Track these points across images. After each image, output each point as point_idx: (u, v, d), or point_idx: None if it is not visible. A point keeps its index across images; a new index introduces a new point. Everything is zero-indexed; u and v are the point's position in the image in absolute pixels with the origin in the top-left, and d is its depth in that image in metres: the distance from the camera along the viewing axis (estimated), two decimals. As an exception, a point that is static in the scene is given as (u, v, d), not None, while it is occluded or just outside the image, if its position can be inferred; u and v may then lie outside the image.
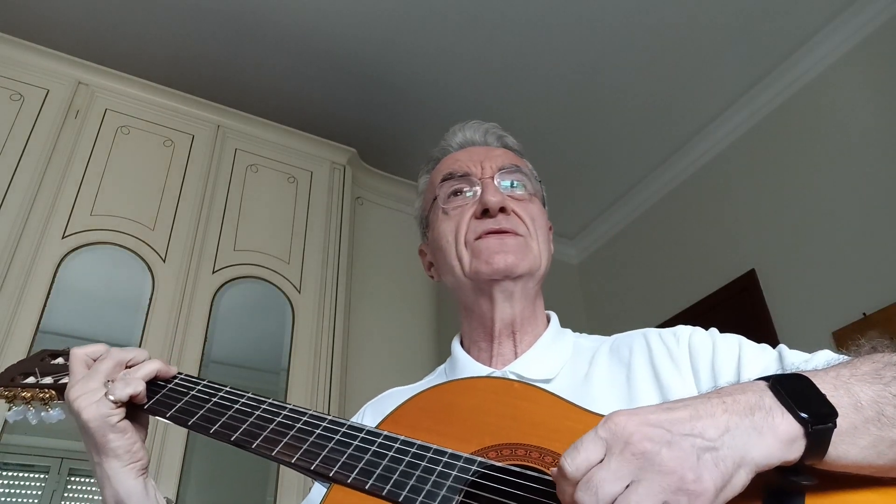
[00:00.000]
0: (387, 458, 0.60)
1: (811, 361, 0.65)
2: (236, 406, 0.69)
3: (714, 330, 0.77)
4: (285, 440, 0.64)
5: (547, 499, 0.53)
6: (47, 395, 0.80)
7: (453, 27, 2.58)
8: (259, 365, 2.28)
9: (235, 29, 2.58)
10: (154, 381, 0.74)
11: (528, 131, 2.99)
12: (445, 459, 0.58)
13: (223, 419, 0.68)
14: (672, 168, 3.21)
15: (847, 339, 2.22)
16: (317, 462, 0.61)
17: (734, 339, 0.74)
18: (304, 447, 0.63)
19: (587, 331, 0.90)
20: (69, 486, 1.96)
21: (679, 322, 0.83)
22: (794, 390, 0.47)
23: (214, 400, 0.71)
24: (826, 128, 2.55)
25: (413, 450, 0.60)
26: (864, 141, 2.40)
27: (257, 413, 0.68)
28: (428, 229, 0.93)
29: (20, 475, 1.92)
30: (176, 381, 0.75)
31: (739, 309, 2.66)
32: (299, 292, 2.26)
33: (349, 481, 0.58)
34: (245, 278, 2.21)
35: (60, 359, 0.85)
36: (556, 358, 0.81)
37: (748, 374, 0.67)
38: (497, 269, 0.80)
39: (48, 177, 2.02)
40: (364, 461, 0.60)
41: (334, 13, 2.52)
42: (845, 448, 0.46)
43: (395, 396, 0.85)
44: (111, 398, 0.69)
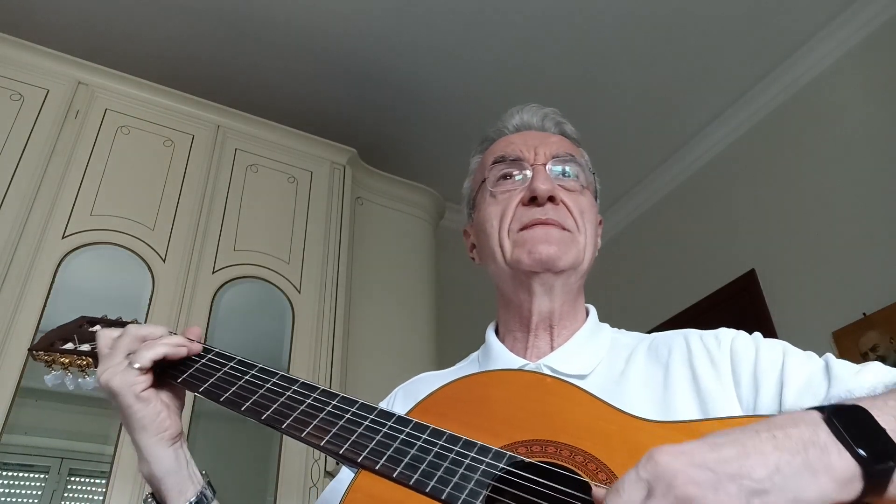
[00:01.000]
0: (415, 448, 0.59)
1: (861, 373, 0.61)
2: (267, 385, 0.70)
3: (758, 335, 0.74)
4: (315, 422, 0.64)
5: (574, 499, 0.53)
6: (84, 363, 0.82)
7: (453, 27, 2.58)
8: (259, 365, 2.27)
9: (236, 29, 2.58)
10: (188, 358, 0.75)
11: (528, 131, 2.99)
12: (474, 453, 0.58)
13: (254, 397, 0.68)
14: (672, 168, 3.21)
15: (847, 339, 2.23)
16: (345, 447, 0.61)
17: (779, 346, 0.70)
18: (334, 430, 0.63)
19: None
20: (69, 486, 1.96)
21: (679, 322, 0.82)
22: (852, 424, 0.44)
23: (246, 378, 0.71)
24: (826, 128, 2.55)
25: (442, 441, 0.59)
26: (864, 141, 2.40)
27: (288, 394, 0.68)
28: (474, 210, 0.90)
29: (20, 475, 1.93)
30: (209, 357, 0.75)
31: (739, 309, 2.65)
32: (299, 292, 2.26)
33: (377, 468, 0.58)
34: (245, 278, 2.21)
35: (98, 326, 0.86)
36: (593, 354, 0.79)
37: (791, 384, 0.64)
38: (538, 261, 0.78)
39: (48, 177, 2.02)
40: (392, 448, 0.59)
41: (334, 13, 2.52)
42: None
43: (428, 381, 0.83)
44: (136, 365, 0.70)
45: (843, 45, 2.54)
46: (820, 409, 0.46)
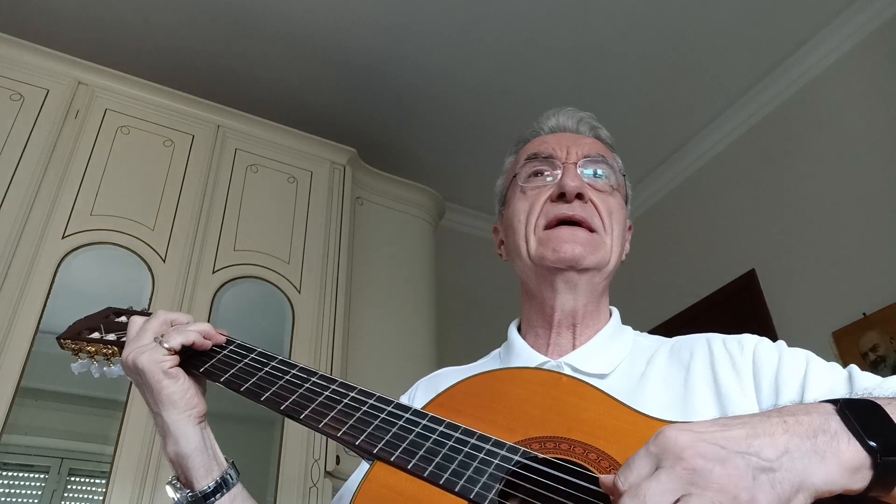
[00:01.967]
0: (430, 441, 0.60)
1: (883, 385, 0.61)
2: (287, 377, 0.71)
3: (782, 342, 0.73)
4: (332, 413, 0.65)
5: (587, 495, 0.53)
6: (110, 352, 0.84)
7: (453, 27, 2.58)
8: (259, 365, 2.27)
9: (236, 29, 2.58)
10: (209, 349, 0.77)
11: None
12: (489, 447, 0.58)
13: (274, 388, 0.70)
14: (672, 168, 3.21)
15: (847, 339, 2.23)
16: (362, 438, 0.62)
17: (802, 355, 0.70)
18: (351, 422, 0.64)
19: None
20: (69, 486, 1.96)
21: (679, 322, 0.82)
22: (864, 416, 0.44)
23: (266, 369, 0.73)
24: (826, 128, 2.55)
25: (457, 434, 0.60)
26: (864, 141, 2.40)
27: (307, 385, 0.70)
28: (504, 207, 0.91)
29: (20, 475, 1.93)
30: (230, 349, 0.78)
31: (739, 309, 2.65)
32: (299, 292, 2.26)
33: (392, 459, 0.59)
34: (245, 278, 2.21)
35: (124, 317, 0.89)
36: (615, 354, 0.79)
37: (813, 393, 0.64)
38: (562, 258, 0.78)
39: (48, 177, 2.02)
40: (408, 441, 0.60)
41: (335, 13, 2.52)
42: None
43: (449, 376, 0.84)
44: (165, 346, 0.72)
45: (843, 46, 2.54)
46: (833, 402, 0.46)
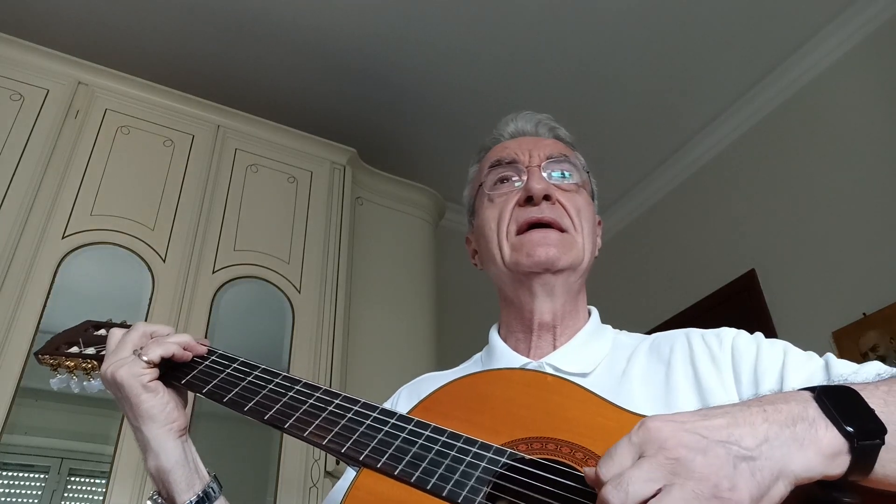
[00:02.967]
0: (416, 446, 0.60)
1: (860, 373, 0.63)
2: (270, 386, 0.71)
3: (759, 334, 0.75)
4: (317, 422, 0.65)
5: (574, 494, 0.53)
6: (90, 366, 0.83)
7: (453, 26, 2.58)
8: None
9: (236, 29, 2.58)
10: (191, 360, 0.76)
11: (528, 131, 2.99)
12: (475, 450, 0.58)
13: (257, 398, 0.69)
14: (672, 168, 3.21)
15: (847, 339, 2.23)
16: (347, 445, 0.62)
17: (780, 346, 0.72)
18: (336, 430, 0.64)
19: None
20: (69, 486, 1.96)
21: (679, 322, 0.83)
22: (841, 403, 0.45)
23: (249, 378, 0.72)
24: (826, 128, 2.55)
25: (443, 438, 0.60)
26: (864, 141, 2.40)
27: (290, 394, 0.69)
28: (474, 216, 0.92)
29: (20, 475, 1.93)
30: (213, 359, 0.76)
31: (739, 309, 2.65)
32: (299, 292, 2.26)
33: (378, 466, 0.59)
34: (245, 278, 2.21)
35: (103, 330, 0.88)
36: (595, 353, 0.80)
37: (791, 383, 0.65)
38: (538, 262, 0.79)
39: (48, 177, 2.02)
40: (394, 447, 0.60)
41: (334, 13, 2.52)
42: (894, 466, 0.44)
43: (431, 381, 0.84)
44: (144, 358, 0.72)
45: (843, 46, 2.54)
46: (811, 389, 0.47)
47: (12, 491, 1.89)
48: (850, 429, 0.43)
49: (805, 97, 2.67)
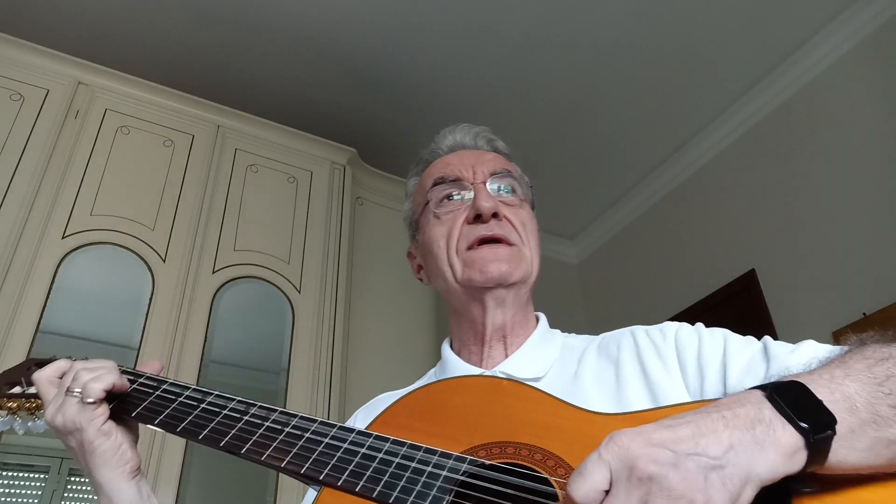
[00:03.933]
0: (376, 461, 0.59)
1: (796, 352, 0.65)
2: (224, 411, 0.69)
3: (700, 325, 0.77)
4: (275, 444, 0.64)
5: (536, 496, 0.53)
6: (34, 405, 0.80)
7: (453, 27, 2.58)
8: (259, 365, 2.28)
9: (236, 29, 2.58)
10: (142, 389, 0.74)
11: (529, 131, 2.99)
12: (436, 459, 0.58)
13: (212, 424, 0.68)
14: (672, 168, 3.21)
15: (847, 340, 2.23)
16: (307, 465, 0.61)
17: (720, 333, 0.74)
18: (294, 451, 0.63)
19: (587, 331, 0.90)
20: (69, 486, 1.96)
21: (679, 322, 0.83)
22: (792, 399, 0.47)
23: (203, 406, 0.70)
24: (826, 128, 2.55)
25: (403, 450, 0.60)
26: (864, 141, 2.40)
27: (246, 418, 0.67)
28: (418, 232, 0.93)
29: (20, 475, 1.93)
30: (163, 388, 0.74)
31: (739, 309, 2.65)
32: (299, 292, 2.26)
33: (339, 484, 0.58)
34: (245, 278, 2.21)
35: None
36: (545, 357, 0.81)
37: (734, 367, 0.67)
38: (491, 278, 0.80)
39: (48, 177, 2.02)
40: (354, 463, 0.60)
41: (334, 13, 2.52)
42: (844, 453, 0.46)
43: (386, 400, 0.85)
44: (88, 400, 0.69)
45: (843, 46, 2.54)
46: (762, 388, 0.49)
47: (12, 491, 1.89)
48: (805, 425, 0.45)
49: (805, 97, 2.67)
